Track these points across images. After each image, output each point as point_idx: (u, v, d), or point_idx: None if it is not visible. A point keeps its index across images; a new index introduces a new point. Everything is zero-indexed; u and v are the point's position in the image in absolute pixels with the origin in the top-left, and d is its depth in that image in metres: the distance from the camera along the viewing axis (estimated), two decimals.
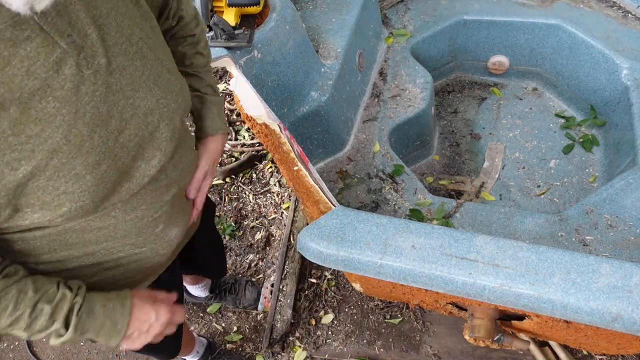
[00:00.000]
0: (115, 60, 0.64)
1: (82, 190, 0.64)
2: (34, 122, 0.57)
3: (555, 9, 1.91)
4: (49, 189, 0.62)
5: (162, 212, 0.82)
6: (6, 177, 0.57)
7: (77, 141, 0.61)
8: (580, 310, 0.92)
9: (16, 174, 0.58)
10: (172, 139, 0.76)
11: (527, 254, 0.98)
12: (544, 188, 1.79)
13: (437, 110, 2.12)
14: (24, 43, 0.54)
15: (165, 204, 0.82)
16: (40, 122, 0.57)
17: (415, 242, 1.03)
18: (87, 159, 0.63)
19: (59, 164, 0.61)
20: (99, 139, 0.64)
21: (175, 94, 0.76)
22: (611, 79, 1.74)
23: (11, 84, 0.54)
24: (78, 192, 0.64)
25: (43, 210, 0.63)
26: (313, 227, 1.09)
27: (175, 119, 0.76)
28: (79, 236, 0.74)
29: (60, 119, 0.59)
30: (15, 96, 0.55)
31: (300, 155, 1.20)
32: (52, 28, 0.56)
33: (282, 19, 1.37)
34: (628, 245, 1.28)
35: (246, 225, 2.12)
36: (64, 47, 0.58)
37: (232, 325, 1.86)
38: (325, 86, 1.53)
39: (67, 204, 0.64)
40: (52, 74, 0.57)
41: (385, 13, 2.08)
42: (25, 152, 0.57)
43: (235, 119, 2.52)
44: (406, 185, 1.53)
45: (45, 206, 0.63)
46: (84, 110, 0.61)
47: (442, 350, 1.70)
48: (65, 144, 0.60)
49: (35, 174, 0.59)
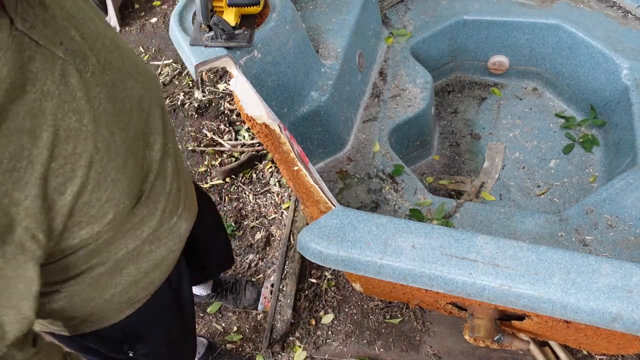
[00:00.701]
0: (101, 56, 0.63)
1: (120, 193, 0.65)
2: (65, 142, 0.56)
3: (555, 9, 1.91)
4: (93, 201, 0.61)
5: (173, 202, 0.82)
6: (58, 204, 0.56)
7: (105, 147, 0.61)
8: (580, 310, 0.92)
9: (65, 198, 0.57)
10: (161, 120, 0.77)
11: (527, 254, 0.98)
12: (544, 188, 1.79)
13: (437, 110, 2.12)
14: (29, 64, 0.52)
15: (173, 191, 0.82)
16: (70, 139, 0.56)
17: (415, 242, 1.03)
18: (117, 162, 0.63)
19: (96, 175, 0.60)
20: (119, 138, 0.64)
21: (151, 74, 0.76)
22: (611, 79, 1.74)
23: (34, 110, 0.52)
24: (118, 196, 0.65)
25: (91, 224, 0.63)
26: (313, 227, 1.09)
27: (160, 99, 0.77)
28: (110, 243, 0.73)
29: (85, 130, 0.58)
30: (41, 122, 0.53)
31: (300, 155, 1.20)
32: (45, 40, 0.54)
33: (282, 19, 1.37)
34: (628, 245, 1.28)
35: (246, 225, 2.12)
36: (62, 57, 0.56)
37: (232, 325, 1.86)
38: (325, 86, 1.53)
39: (111, 211, 0.64)
40: (63, 88, 0.56)
41: (385, 13, 2.08)
42: (67, 174, 0.56)
43: (235, 119, 2.52)
44: (406, 185, 1.53)
45: (92, 219, 0.63)
46: (99, 115, 0.61)
47: (442, 350, 1.70)
48: (97, 154, 0.60)
49: (80, 192, 0.59)
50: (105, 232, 0.67)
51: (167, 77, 2.80)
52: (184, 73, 2.82)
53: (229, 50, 1.28)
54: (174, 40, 1.38)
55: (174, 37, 1.37)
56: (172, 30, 1.38)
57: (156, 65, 2.90)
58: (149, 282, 0.87)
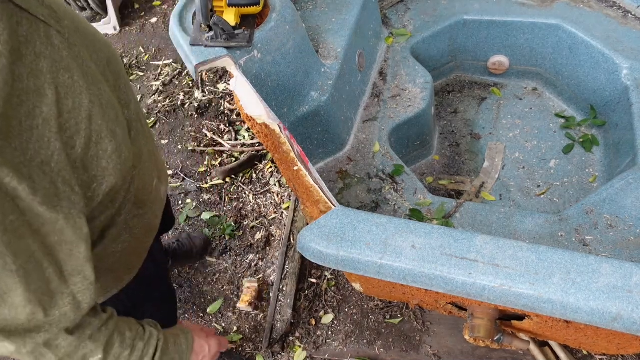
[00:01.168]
0: (69, 18, 0.66)
1: (119, 143, 0.68)
2: (65, 98, 0.59)
3: (555, 9, 1.91)
4: (100, 153, 0.65)
5: (150, 162, 0.88)
6: (72, 157, 0.60)
7: (98, 101, 0.65)
8: (580, 310, 0.92)
9: (76, 151, 0.61)
10: (127, 82, 0.81)
11: (527, 254, 0.98)
12: (544, 188, 1.79)
13: (437, 110, 2.12)
14: (18, 29, 0.55)
15: (150, 153, 0.88)
16: (69, 95, 0.60)
17: (415, 242, 1.03)
18: (110, 115, 0.67)
19: (97, 127, 0.64)
20: (105, 94, 0.67)
21: (106, 40, 0.80)
22: (611, 79, 1.74)
23: (34, 71, 0.55)
24: (119, 146, 0.68)
25: (106, 177, 0.67)
26: (313, 227, 1.09)
27: (122, 64, 0.81)
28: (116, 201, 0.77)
29: (78, 86, 0.61)
30: (42, 81, 0.56)
31: (300, 155, 1.20)
32: (27, 4, 0.57)
33: (282, 19, 1.37)
34: (628, 245, 1.28)
35: (246, 225, 2.12)
36: (43, 20, 0.59)
37: (232, 325, 1.86)
38: (325, 86, 1.53)
39: (117, 160, 0.68)
40: (51, 49, 0.58)
41: (385, 13, 2.08)
42: (72, 128, 0.60)
43: (235, 119, 2.52)
44: (406, 185, 1.53)
45: (105, 172, 0.66)
46: (86, 72, 0.64)
47: (442, 350, 1.70)
48: (93, 107, 0.63)
49: (87, 145, 0.62)
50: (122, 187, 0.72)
51: (167, 77, 2.80)
52: (184, 73, 2.82)
53: (229, 50, 1.28)
54: (174, 40, 1.38)
55: (174, 37, 1.37)
56: (172, 30, 1.38)
57: (156, 65, 2.90)
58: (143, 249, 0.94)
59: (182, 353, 0.84)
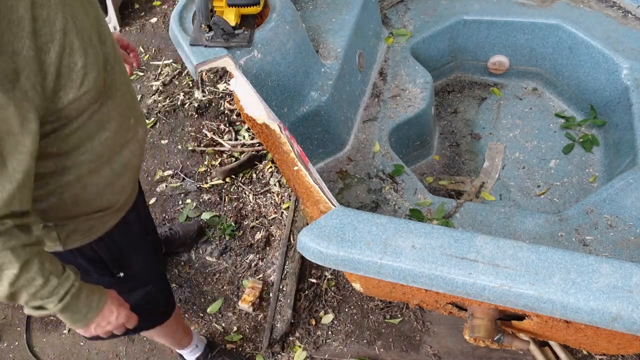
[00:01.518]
0: None
1: (91, 62, 0.75)
2: (40, 7, 0.67)
3: (555, 9, 1.91)
4: (71, 65, 0.72)
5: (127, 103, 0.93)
6: (46, 62, 0.68)
7: (72, 21, 0.72)
8: (580, 310, 0.92)
9: (50, 56, 0.69)
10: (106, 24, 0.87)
11: (527, 254, 0.98)
12: (544, 188, 1.79)
13: (437, 110, 2.12)
14: None
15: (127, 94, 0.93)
16: (44, 7, 0.68)
17: (415, 242, 1.03)
18: (83, 36, 0.74)
19: (70, 41, 0.71)
20: (79, 19, 0.74)
21: None
22: (611, 79, 1.74)
23: None
24: (89, 64, 0.75)
25: (73, 89, 0.74)
26: (313, 227, 1.09)
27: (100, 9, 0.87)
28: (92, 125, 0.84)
29: (54, 3, 0.69)
30: None
31: (300, 155, 1.20)
32: None
33: (282, 19, 1.37)
34: (628, 245, 1.28)
35: (246, 225, 2.12)
36: None
37: (232, 325, 1.86)
38: (325, 86, 1.53)
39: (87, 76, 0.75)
40: None
41: (385, 13, 2.08)
42: (47, 35, 0.68)
43: (235, 119, 2.52)
44: (406, 185, 1.53)
45: (74, 84, 0.74)
46: None
47: (442, 350, 1.70)
48: (67, 23, 0.71)
49: (61, 54, 0.70)
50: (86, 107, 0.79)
51: (167, 77, 2.80)
52: (184, 73, 2.82)
53: (229, 50, 1.28)
54: (174, 40, 1.39)
55: (174, 37, 1.37)
56: (172, 30, 1.38)
57: (156, 65, 2.90)
58: (121, 186, 0.98)
59: (90, 308, 0.86)
